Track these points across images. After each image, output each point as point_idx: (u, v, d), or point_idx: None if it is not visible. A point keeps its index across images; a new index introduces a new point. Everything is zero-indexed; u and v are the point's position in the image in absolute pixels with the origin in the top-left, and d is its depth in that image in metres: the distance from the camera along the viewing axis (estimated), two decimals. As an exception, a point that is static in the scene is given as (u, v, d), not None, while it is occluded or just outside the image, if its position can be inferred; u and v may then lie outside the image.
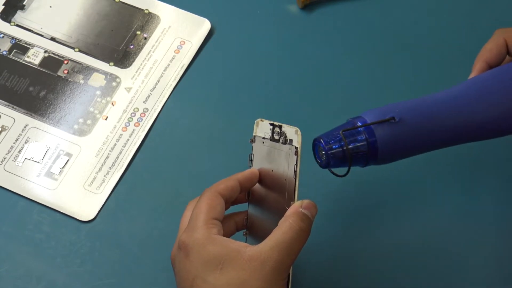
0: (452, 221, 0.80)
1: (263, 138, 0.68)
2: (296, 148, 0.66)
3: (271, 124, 0.68)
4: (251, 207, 0.71)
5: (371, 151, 0.67)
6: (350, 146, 0.66)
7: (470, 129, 0.69)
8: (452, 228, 0.79)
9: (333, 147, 0.66)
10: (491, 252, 0.78)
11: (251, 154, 0.70)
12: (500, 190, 0.81)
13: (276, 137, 0.67)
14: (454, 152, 0.82)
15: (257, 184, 0.70)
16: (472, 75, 0.74)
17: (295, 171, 0.66)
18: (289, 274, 0.65)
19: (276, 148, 0.67)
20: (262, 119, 0.68)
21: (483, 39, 0.76)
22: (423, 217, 0.80)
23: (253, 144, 0.70)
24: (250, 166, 0.70)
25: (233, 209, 0.71)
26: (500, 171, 0.82)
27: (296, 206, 0.65)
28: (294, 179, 0.66)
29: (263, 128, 0.68)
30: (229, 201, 0.69)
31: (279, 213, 0.66)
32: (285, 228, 0.64)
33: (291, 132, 0.66)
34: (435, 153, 0.81)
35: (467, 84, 0.71)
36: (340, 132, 0.66)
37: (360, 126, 0.66)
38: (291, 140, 0.66)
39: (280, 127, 0.67)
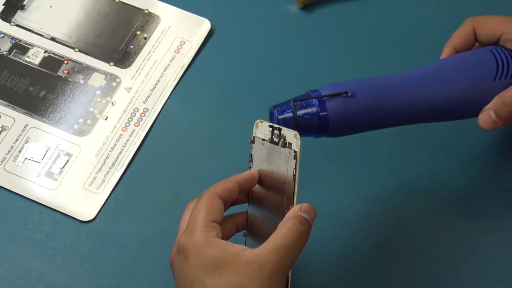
0: (454, 221, 0.80)
1: (263, 139, 0.68)
2: (295, 152, 0.65)
3: (270, 126, 0.67)
4: (251, 207, 0.71)
5: (322, 123, 0.70)
6: (301, 116, 0.69)
7: (421, 109, 0.72)
8: (454, 228, 0.79)
9: (286, 117, 0.69)
10: (493, 252, 0.78)
11: (251, 155, 0.70)
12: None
13: (276, 139, 0.67)
14: (453, 150, 0.82)
15: (257, 185, 0.70)
16: None
17: (294, 175, 0.65)
18: (288, 277, 0.65)
19: (275, 151, 0.67)
20: (262, 120, 0.68)
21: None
22: (426, 217, 0.80)
23: (253, 145, 0.70)
24: (250, 167, 0.70)
25: (233, 209, 0.71)
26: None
27: (295, 210, 0.65)
28: (293, 183, 0.65)
29: (262, 130, 0.68)
30: (228, 203, 0.68)
31: (279, 214, 0.66)
32: (284, 231, 0.64)
33: (290, 135, 0.66)
34: (434, 150, 0.82)
35: (426, 66, 0.74)
36: (292, 102, 0.69)
37: (312, 98, 0.70)
38: (290, 144, 0.66)
39: (279, 129, 0.67)
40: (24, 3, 0.91)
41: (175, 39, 0.89)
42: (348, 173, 0.82)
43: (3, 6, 0.90)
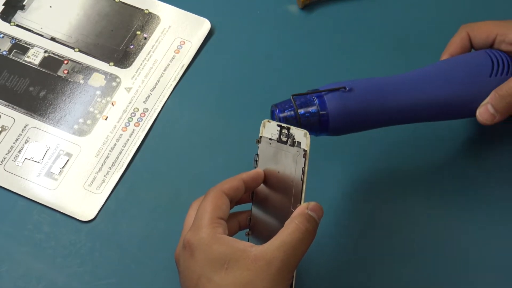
0: (458, 222, 0.80)
1: (270, 139, 0.68)
2: (305, 151, 0.66)
3: (278, 125, 0.68)
4: (255, 207, 0.71)
5: (322, 121, 0.72)
6: (302, 114, 0.71)
7: (420, 108, 0.74)
8: (458, 229, 0.79)
9: (287, 115, 0.71)
10: (495, 254, 0.78)
11: (257, 154, 0.70)
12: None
13: (284, 138, 0.67)
14: (457, 151, 0.83)
15: (262, 184, 0.70)
16: None
17: (303, 173, 0.66)
18: (293, 275, 0.65)
19: (283, 150, 0.67)
20: (269, 120, 0.69)
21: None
22: (434, 218, 0.80)
23: (259, 145, 0.69)
24: (255, 167, 0.70)
25: (235, 208, 0.71)
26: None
27: (303, 208, 0.65)
28: (302, 182, 0.66)
29: (269, 129, 0.68)
30: (234, 201, 0.69)
31: (283, 214, 0.66)
32: (291, 229, 0.64)
33: (300, 134, 0.66)
34: (439, 151, 0.82)
35: (424, 67, 0.76)
36: (291, 97, 0.72)
37: (310, 92, 0.72)
38: (299, 143, 0.66)
39: (288, 129, 0.67)
40: (24, 3, 0.91)
41: (175, 39, 0.89)
42: (344, 168, 0.82)
43: (3, 6, 0.90)
